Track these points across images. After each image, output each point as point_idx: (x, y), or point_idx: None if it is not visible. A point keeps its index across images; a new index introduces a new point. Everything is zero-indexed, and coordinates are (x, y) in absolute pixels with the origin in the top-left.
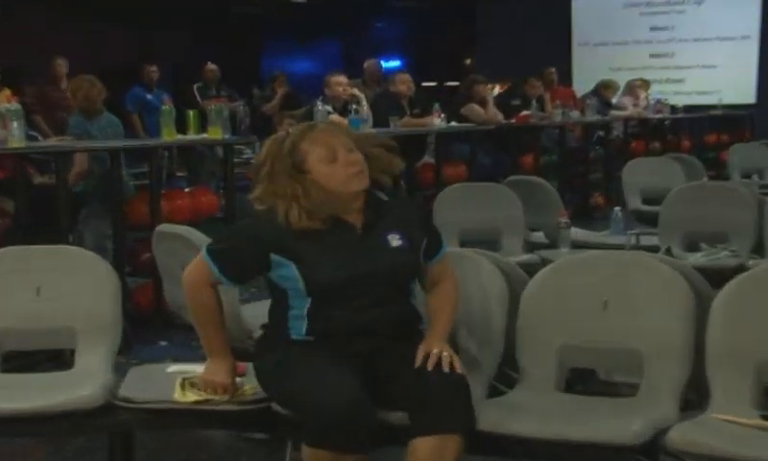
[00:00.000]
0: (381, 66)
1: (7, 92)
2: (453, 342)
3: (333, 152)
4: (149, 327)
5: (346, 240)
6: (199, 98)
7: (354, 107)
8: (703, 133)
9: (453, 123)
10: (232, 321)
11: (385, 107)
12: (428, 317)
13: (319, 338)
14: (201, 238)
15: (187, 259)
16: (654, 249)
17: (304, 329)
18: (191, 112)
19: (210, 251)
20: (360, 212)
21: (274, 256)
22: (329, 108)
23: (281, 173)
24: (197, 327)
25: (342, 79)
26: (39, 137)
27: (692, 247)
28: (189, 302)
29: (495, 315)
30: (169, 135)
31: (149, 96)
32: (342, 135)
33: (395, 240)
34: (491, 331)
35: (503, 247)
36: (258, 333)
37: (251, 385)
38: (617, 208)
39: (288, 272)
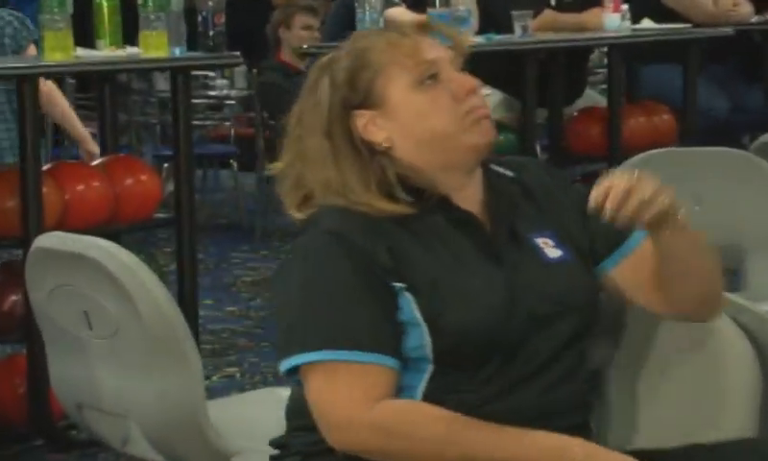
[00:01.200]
0: None
1: None
2: None
3: (429, 67)
4: (19, 446)
5: (471, 245)
6: None
7: None
8: None
9: (646, 23)
10: (193, 431)
11: None
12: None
13: None
14: (128, 264)
15: (102, 309)
16: None
17: None
18: (105, 4)
19: (331, 341)
20: (476, 198)
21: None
22: None
23: (330, 121)
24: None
25: None
26: None
27: None
28: (405, 454)
29: (734, 419)
30: (59, 51)
31: None
32: (441, 44)
33: (548, 247)
34: None
35: (750, 281)
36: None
37: None
38: None
39: (405, 312)
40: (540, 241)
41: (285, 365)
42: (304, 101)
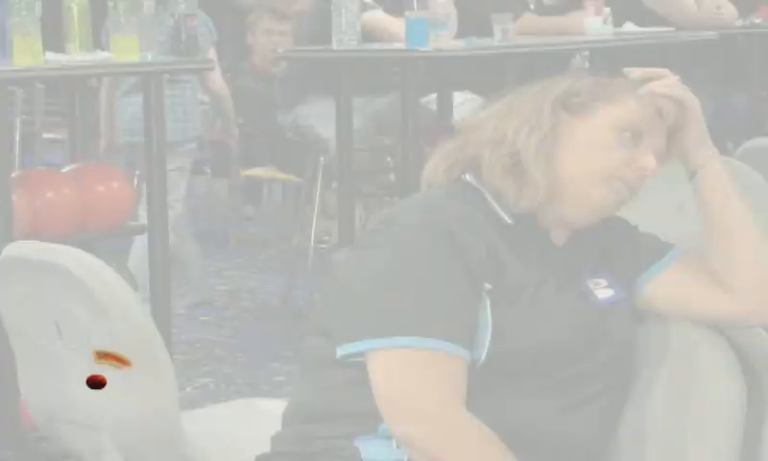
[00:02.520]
0: None
1: None
2: None
3: (640, 133)
4: None
5: (551, 268)
6: None
7: None
8: None
9: (629, 26)
10: (166, 442)
11: None
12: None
13: None
14: (100, 273)
15: (73, 319)
16: None
17: None
18: (74, 6)
19: (429, 328)
20: (561, 238)
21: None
22: None
23: (537, 100)
24: None
25: None
26: None
27: None
28: None
29: (717, 438)
30: (28, 55)
31: None
32: (661, 124)
33: (599, 287)
34: None
35: None
36: None
37: None
38: None
39: (479, 312)
40: (593, 281)
41: (370, 345)
42: (546, 84)
